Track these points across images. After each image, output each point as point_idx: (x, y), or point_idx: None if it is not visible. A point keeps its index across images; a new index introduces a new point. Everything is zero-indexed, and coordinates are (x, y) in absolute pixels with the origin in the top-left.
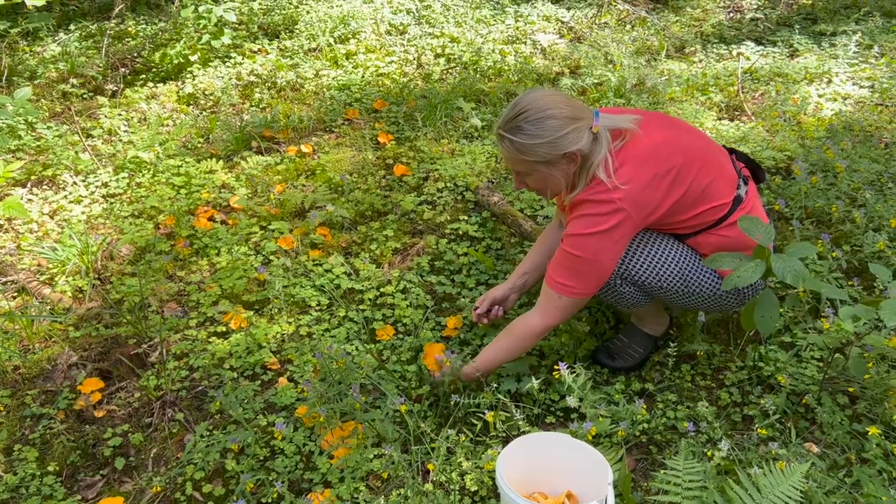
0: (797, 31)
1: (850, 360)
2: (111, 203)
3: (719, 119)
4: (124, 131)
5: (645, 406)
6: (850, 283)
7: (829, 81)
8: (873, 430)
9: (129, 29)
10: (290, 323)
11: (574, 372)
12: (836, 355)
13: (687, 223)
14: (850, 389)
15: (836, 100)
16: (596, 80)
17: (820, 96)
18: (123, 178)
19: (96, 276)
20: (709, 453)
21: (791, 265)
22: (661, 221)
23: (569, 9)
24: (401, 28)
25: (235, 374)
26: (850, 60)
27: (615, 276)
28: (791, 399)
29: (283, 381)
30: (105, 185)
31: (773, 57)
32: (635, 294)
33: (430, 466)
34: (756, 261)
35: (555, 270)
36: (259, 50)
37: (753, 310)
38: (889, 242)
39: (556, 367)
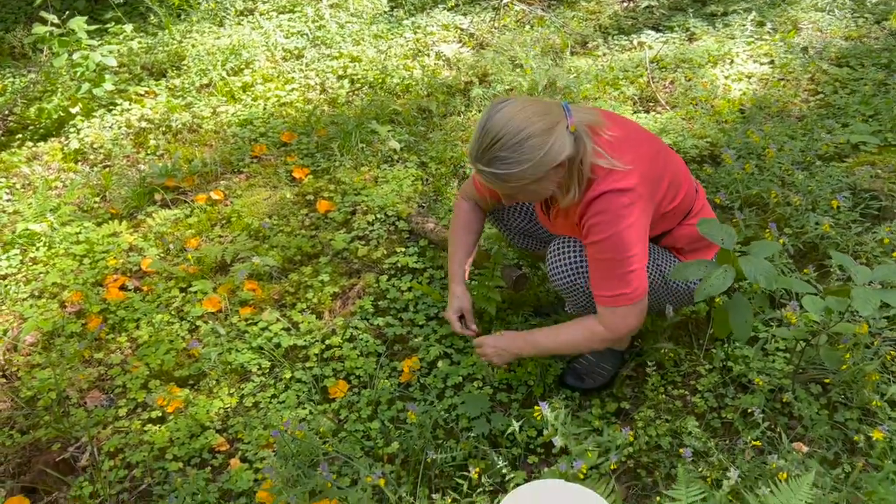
0: (691, 15)
1: (823, 351)
2: (5, 286)
3: (636, 112)
4: (7, 201)
5: (629, 431)
6: (805, 270)
7: (732, 62)
8: (877, 435)
9: None
10: (231, 395)
11: (553, 408)
12: (806, 346)
13: (676, 210)
14: (827, 381)
15: (741, 80)
16: (507, 87)
17: (726, 78)
18: (15, 255)
19: (0, 372)
20: (709, 477)
21: (760, 267)
22: (659, 208)
23: (465, 15)
24: (296, 52)
25: (181, 465)
26: (747, 39)
27: None
28: (766, 396)
29: (235, 462)
30: None
31: (674, 43)
32: None
33: None
34: (724, 266)
35: (600, 287)
36: (146, 92)
37: (726, 316)
38: (832, 223)
39: (536, 406)
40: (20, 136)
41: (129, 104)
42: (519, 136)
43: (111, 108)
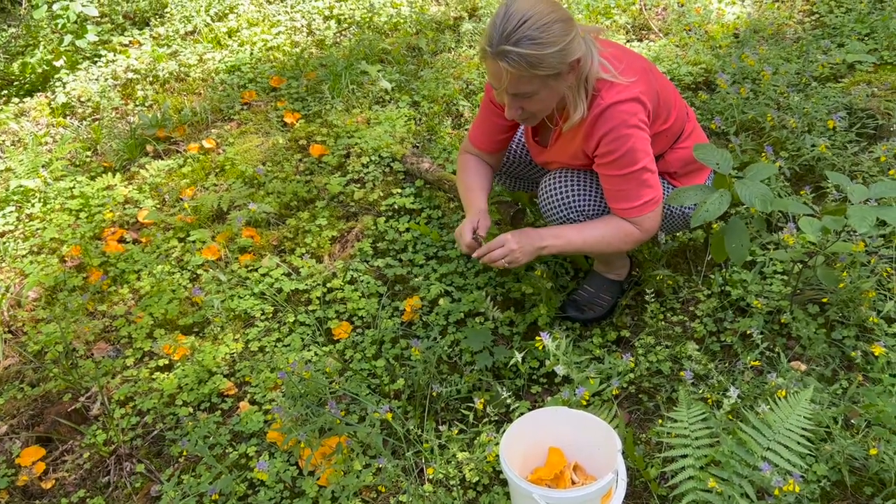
0: None
1: (820, 271)
2: (3, 243)
3: (629, 41)
4: None
5: (629, 357)
6: (802, 192)
7: None
8: (877, 350)
9: None
10: (237, 340)
11: (554, 339)
12: (803, 268)
13: (668, 131)
14: (824, 300)
15: (734, 3)
16: None
17: (720, 2)
18: (11, 212)
19: (6, 328)
20: (710, 398)
21: (756, 190)
22: (654, 126)
23: None
24: None
25: (191, 410)
26: None
27: None
28: (764, 318)
29: (244, 405)
30: None
31: None
32: None
33: (429, 471)
34: (720, 191)
35: (624, 200)
36: (131, 42)
37: (723, 240)
38: (829, 144)
39: (537, 337)
40: (5, 92)
41: (114, 55)
42: (547, 18)
43: (96, 59)
